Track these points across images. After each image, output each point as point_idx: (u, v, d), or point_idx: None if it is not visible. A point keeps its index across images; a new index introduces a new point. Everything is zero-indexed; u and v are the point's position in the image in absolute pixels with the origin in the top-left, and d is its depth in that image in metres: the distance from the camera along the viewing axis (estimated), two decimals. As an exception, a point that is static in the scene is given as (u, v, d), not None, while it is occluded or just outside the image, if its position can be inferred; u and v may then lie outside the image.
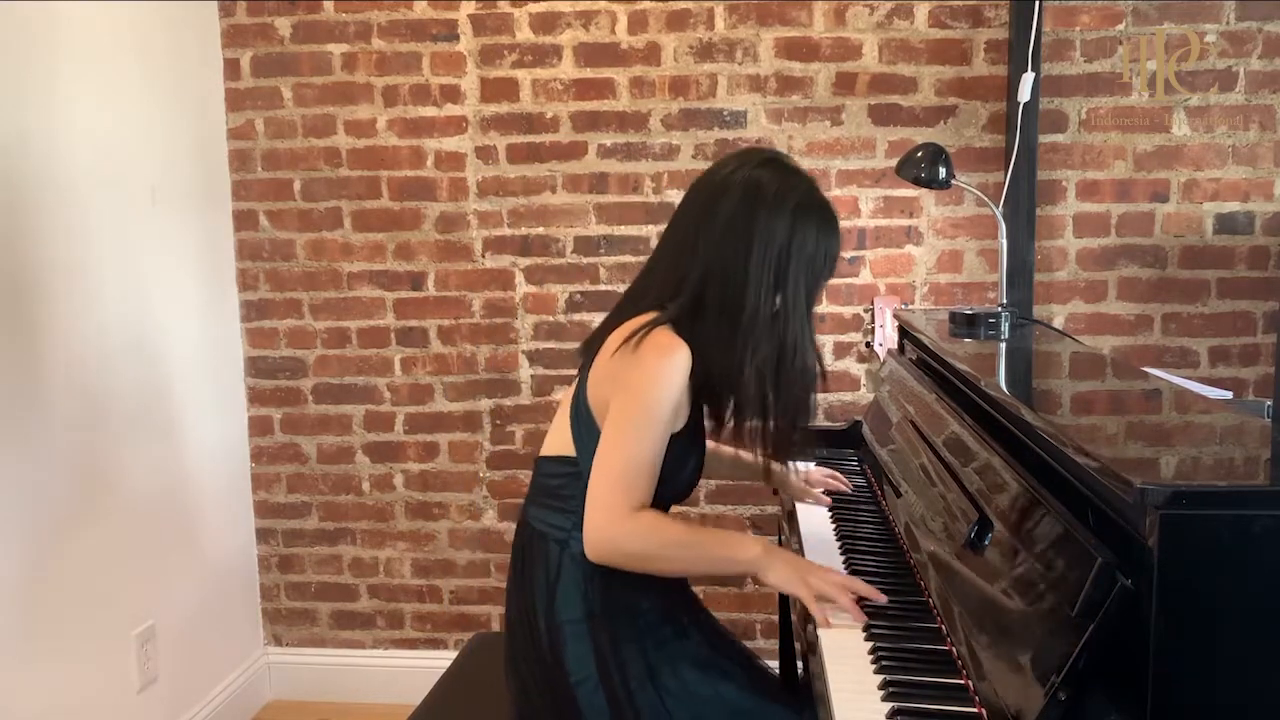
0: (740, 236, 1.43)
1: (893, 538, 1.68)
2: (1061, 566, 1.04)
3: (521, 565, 1.55)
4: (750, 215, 1.44)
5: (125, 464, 2.28)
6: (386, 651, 2.85)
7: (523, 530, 1.58)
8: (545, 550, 1.51)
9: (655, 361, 1.40)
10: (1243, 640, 0.92)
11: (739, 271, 1.43)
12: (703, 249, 1.45)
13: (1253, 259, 2.50)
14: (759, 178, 1.46)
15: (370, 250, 2.71)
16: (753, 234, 1.43)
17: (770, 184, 1.45)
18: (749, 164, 1.48)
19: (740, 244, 1.43)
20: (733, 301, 1.43)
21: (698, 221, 1.48)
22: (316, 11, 2.64)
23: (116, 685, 2.24)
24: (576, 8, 2.56)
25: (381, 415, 2.76)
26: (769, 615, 2.67)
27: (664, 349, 1.40)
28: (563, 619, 1.48)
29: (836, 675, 1.23)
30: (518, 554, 1.58)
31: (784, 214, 1.43)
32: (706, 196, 1.49)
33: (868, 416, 2.17)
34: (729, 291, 1.43)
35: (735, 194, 1.45)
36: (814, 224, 1.46)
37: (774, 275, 1.43)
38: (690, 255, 1.46)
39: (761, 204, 1.44)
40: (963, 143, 2.52)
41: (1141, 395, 1.49)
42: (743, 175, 1.47)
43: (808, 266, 1.45)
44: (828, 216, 1.48)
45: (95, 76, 2.18)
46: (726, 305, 1.44)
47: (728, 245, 1.44)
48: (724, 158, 1.54)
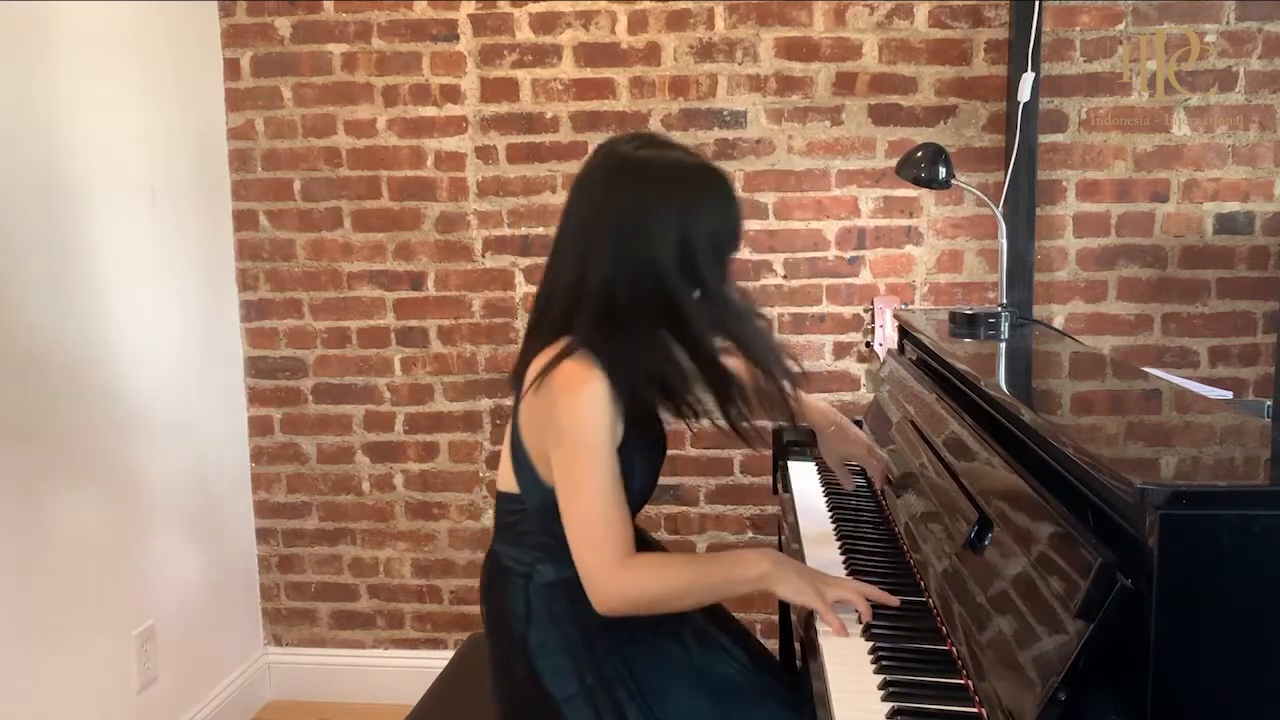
0: (634, 232, 1.35)
1: (893, 538, 1.68)
2: (1061, 566, 1.04)
3: (492, 595, 1.54)
4: (640, 206, 1.36)
5: (125, 463, 2.28)
6: (386, 651, 2.85)
7: (490, 560, 1.56)
8: (513, 583, 1.49)
9: (570, 403, 1.34)
10: (1243, 640, 0.92)
11: (645, 270, 1.35)
12: (599, 254, 1.37)
13: (1253, 259, 2.50)
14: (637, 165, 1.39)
15: (370, 250, 2.71)
16: (648, 226, 1.35)
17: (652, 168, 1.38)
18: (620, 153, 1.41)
19: (638, 240, 1.35)
20: (648, 303, 1.36)
21: (586, 225, 1.40)
22: (316, 11, 2.64)
23: (116, 685, 2.24)
24: (576, 8, 2.57)
25: (381, 415, 2.76)
26: (769, 615, 2.67)
27: (574, 386, 1.34)
28: (537, 642, 1.46)
29: (836, 675, 1.23)
30: (487, 584, 1.56)
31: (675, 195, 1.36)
32: (589, 197, 1.41)
33: (868, 416, 2.17)
34: (642, 293, 1.36)
35: (618, 188, 1.38)
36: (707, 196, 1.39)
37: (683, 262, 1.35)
38: (587, 264, 1.38)
39: (649, 190, 1.37)
40: (963, 143, 2.52)
41: (1141, 395, 1.49)
42: (620, 167, 1.39)
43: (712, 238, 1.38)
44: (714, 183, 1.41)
45: (95, 76, 2.18)
46: (641, 308, 1.36)
47: (624, 245, 1.36)
48: (593, 153, 1.45)
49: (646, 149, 1.42)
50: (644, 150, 1.42)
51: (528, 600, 1.47)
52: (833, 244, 2.59)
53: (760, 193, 2.58)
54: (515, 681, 1.50)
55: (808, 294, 2.61)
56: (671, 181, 1.39)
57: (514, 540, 1.51)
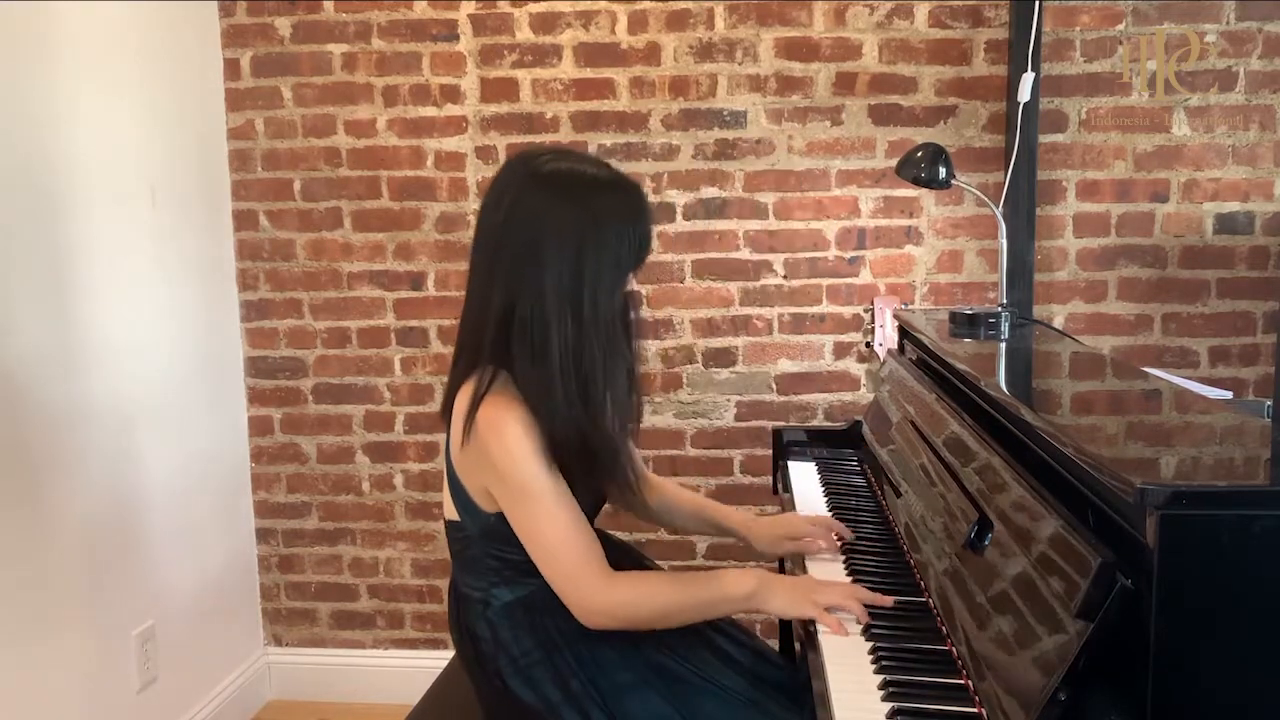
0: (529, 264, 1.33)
1: (893, 538, 1.68)
2: (1061, 566, 1.04)
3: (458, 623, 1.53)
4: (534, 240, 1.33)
5: (125, 463, 2.28)
6: (386, 651, 2.85)
7: (452, 590, 1.55)
8: (474, 609, 1.48)
9: (498, 441, 1.33)
10: (1243, 640, 0.92)
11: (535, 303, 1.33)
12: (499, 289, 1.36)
13: (1253, 259, 2.50)
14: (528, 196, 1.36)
15: (370, 250, 2.71)
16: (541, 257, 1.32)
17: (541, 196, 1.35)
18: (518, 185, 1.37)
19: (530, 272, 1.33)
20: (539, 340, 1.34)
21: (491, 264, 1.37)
22: (316, 11, 2.64)
23: (116, 685, 2.24)
24: (576, 8, 2.57)
25: (381, 415, 2.76)
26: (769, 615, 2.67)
27: (497, 427, 1.33)
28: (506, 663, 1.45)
29: (836, 675, 1.23)
30: (453, 611, 1.54)
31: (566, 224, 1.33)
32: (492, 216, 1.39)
33: (868, 416, 2.17)
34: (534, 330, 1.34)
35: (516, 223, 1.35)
36: (606, 214, 1.35)
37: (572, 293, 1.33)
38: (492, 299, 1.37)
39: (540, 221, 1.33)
40: (963, 143, 2.52)
41: (1141, 395, 1.49)
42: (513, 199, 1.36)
43: (612, 266, 1.35)
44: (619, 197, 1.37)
45: (95, 76, 2.18)
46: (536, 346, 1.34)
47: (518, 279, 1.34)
48: (495, 176, 1.43)
49: (553, 163, 1.38)
50: (550, 165, 1.38)
51: (490, 624, 1.47)
52: (833, 244, 2.59)
53: (760, 193, 2.58)
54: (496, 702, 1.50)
55: (808, 294, 2.61)
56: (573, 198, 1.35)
57: (468, 567, 1.50)
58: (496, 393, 1.36)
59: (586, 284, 1.34)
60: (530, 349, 1.35)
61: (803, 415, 2.65)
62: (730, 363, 2.65)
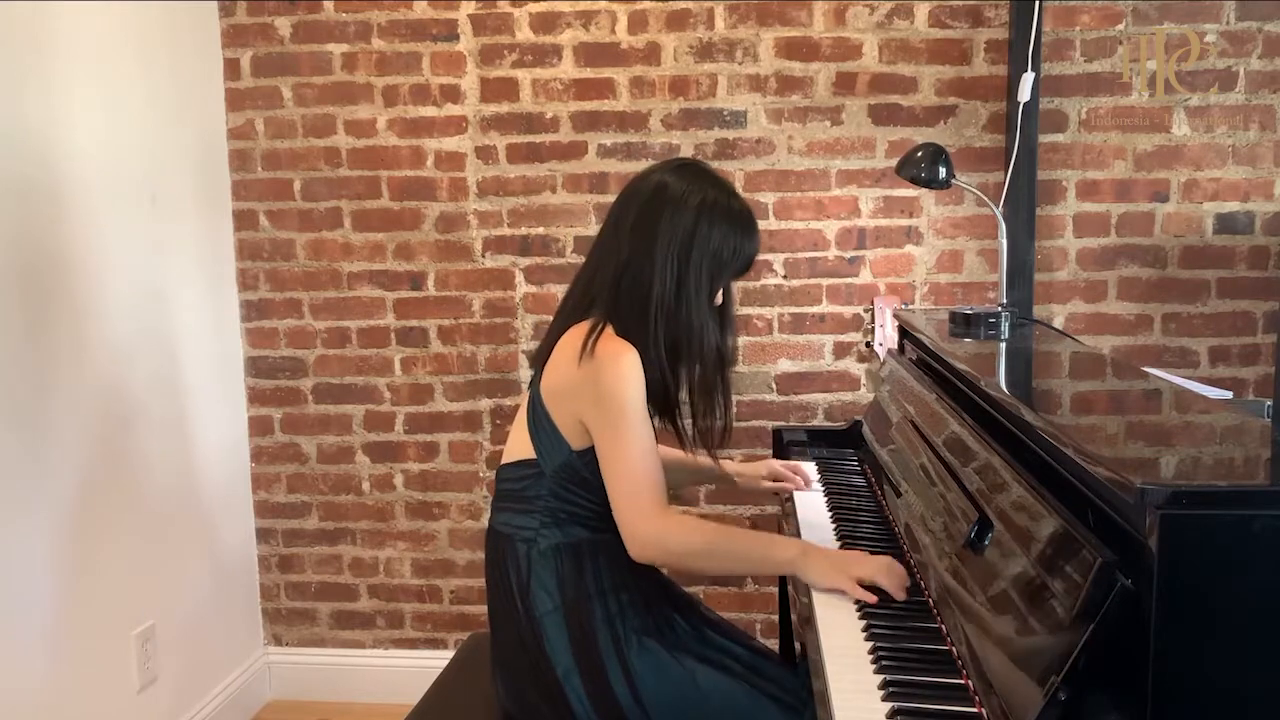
0: (648, 233, 1.55)
1: (893, 537, 1.68)
2: (1061, 566, 1.04)
3: (495, 571, 1.61)
4: (656, 213, 1.55)
5: (126, 464, 2.28)
6: (386, 651, 2.85)
7: (491, 537, 1.64)
8: (514, 552, 1.57)
9: (613, 368, 1.48)
10: (1243, 640, 0.92)
11: (646, 265, 1.54)
12: (620, 250, 1.57)
13: (1253, 259, 2.50)
14: (668, 181, 1.58)
15: (370, 250, 2.71)
16: (657, 230, 1.54)
17: (677, 185, 1.57)
18: (662, 170, 1.61)
19: (647, 240, 1.55)
20: (641, 295, 1.54)
21: (617, 226, 1.59)
22: (316, 11, 2.64)
23: (116, 685, 2.24)
24: (576, 8, 2.57)
25: (381, 415, 2.76)
26: (769, 615, 2.68)
27: (615, 354, 1.49)
28: (540, 613, 1.53)
29: (836, 675, 1.23)
30: (490, 561, 1.63)
31: (687, 210, 1.55)
32: (624, 204, 1.61)
33: (868, 416, 2.17)
34: (639, 285, 1.54)
35: (647, 196, 1.57)
36: (720, 220, 1.57)
37: (676, 266, 1.54)
38: (613, 258, 1.58)
39: (667, 202, 1.56)
40: (963, 143, 2.52)
41: (1141, 395, 1.49)
42: (656, 179, 1.59)
43: (712, 258, 1.56)
44: (735, 214, 1.59)
45: (95, 76, 2.18)
46: (637, 299, 1.54)
47: (638, 242, 1.55)
48: (645, 169, 1.65)
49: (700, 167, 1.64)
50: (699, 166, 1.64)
51: (529, 563, 1.55)
52: (833, 244, 2.59)
53: (760, 193, 2.58)
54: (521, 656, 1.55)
55: (808, 294, 2.61)
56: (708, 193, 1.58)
57: (519, 507, 1.58)
58: (610, 333, 1.53)
59: (692, 262, 1.55)
60: (634, 300, 1.55)
61: (803, 415, 2.65)
62: (730, 363, 2.64)
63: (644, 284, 1.54)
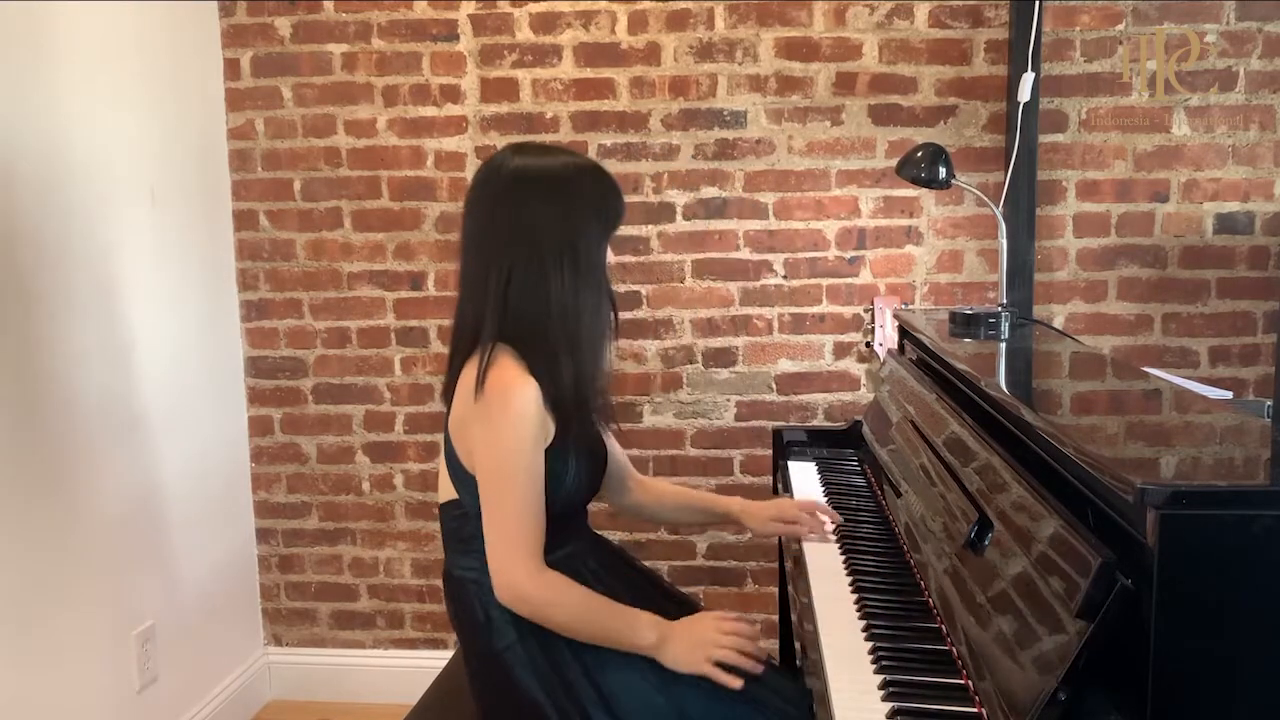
0: (524, 227, 1.45)
1: (893, 537, 1.68)
2: (1061, 566, 1.04)
3: (454, 606, 1.57)
4: (524, 202, 1.46)
5: (125, 463, 2.28)
6: (386, 651, 2.85)
7: (446, 578, 1.59)
8: (468, 593, 1.52)
9: (501, 407, 1.41)
10: (1243, 640, 0.92)
11: (534, 262, 1.44)
12: (499, 256, 1.46)
13: (1253, 259, 2.50)
14: (518, 165, 1.48)
15: (370, 250, 2.71)
16: (534, 218, 1.45)
17: (533, 165, 1.48)
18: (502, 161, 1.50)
19: (526, 232, 1.45)
20: (539, 296, 1.44)
21: (484, 235, 1.49)
22: (316, 11, 2.64)
23: (116, 685, 2.24)
24: (576, 8, 2.56)
25: (381, 415, 2.76)
26: (769, 615, 2.67)
27: (506, 390, 1.41)
28: (501, 647, 1.49)
29: (836, 675, 1.23)
30: (448, 597, 1.59)
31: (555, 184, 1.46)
32: (483, 209, 1.50)
33: (868, 416, 2.17)
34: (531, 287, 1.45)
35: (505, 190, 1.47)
36: (588, 181, 1.49)
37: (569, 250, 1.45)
38: (492, 270, 1.47)
39: (532, 187, 1.46)
40: (963, 143, 2.52)
41: (1141, 395, 1.49)
42: (506, 171, 1.48)
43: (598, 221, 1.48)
44: (592, 170, 1.51)
45: (95, 76, 2.18)
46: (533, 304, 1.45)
47: (519, 241, 1.45)
48: (480, 169, 1.55)
49: (521, 157, 1.50)
50: (519, 158, 1.49)
51: (485, 605, 1.50)
52: (833, 244, 2.59)
53: (760, 193, 2.58)
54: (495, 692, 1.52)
55: (808, 294, 2.61)
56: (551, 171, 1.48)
57: (463, 549, 1.54)
58: (504, 362, 1.44)
59: (578, 234, 1.46)
60: (530, 305, 1.45)
61: (803, 415, 2.65)
62: (730, 363, 2.65)
63: (537, 283, 1.44)
